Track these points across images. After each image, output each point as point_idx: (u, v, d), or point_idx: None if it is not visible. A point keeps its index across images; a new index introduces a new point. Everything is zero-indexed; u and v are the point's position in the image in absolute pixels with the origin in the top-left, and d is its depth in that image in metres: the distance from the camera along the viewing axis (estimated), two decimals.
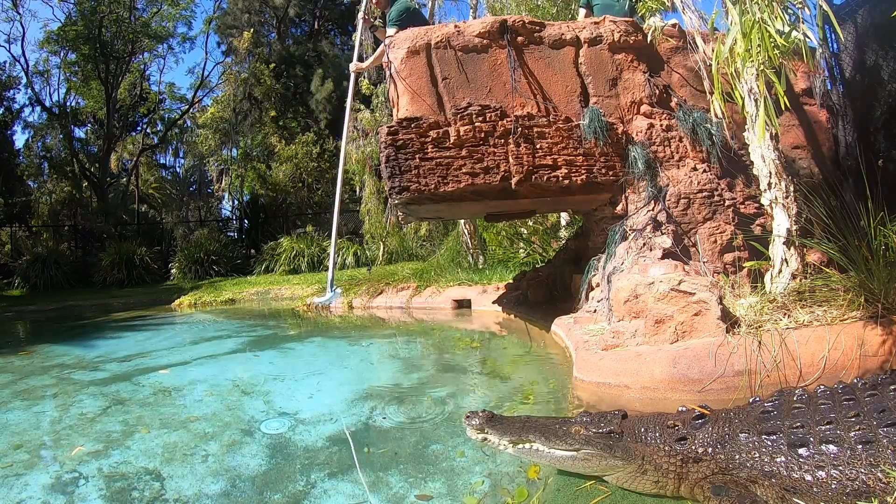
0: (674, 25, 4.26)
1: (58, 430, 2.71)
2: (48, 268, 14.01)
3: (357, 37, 4.72)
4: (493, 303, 5.72)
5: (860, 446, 1.30)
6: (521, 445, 1.66)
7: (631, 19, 4.27)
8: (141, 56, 20.49)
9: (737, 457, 1.42)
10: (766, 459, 1.38)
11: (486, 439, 1.72)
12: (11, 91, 19.82)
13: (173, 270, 14.36)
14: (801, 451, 1.35)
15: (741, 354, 2.43)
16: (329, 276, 4.92)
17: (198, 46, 40.94)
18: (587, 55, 4.05)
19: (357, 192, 12.98)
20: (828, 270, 2.91)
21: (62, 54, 19.45)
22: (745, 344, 2.47)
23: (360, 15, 4.71)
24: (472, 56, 3.94)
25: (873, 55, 3.86)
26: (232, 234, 19.58)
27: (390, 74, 4.03)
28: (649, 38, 4.07)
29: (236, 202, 20.78)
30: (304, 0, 22.62)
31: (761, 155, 3.27)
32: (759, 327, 2.59)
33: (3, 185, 17.99)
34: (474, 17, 9.27)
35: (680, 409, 1.65)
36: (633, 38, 4.09)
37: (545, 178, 3.80)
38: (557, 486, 1.68)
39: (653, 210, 3.77)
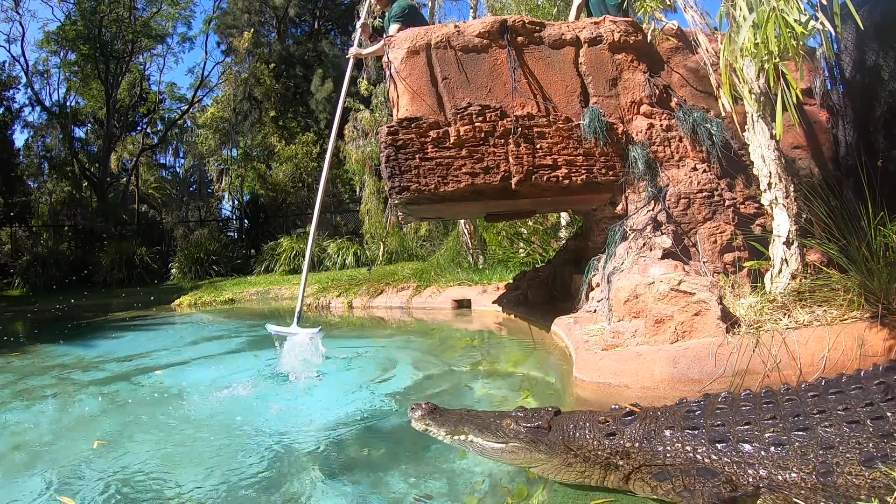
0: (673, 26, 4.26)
1: (58, 431, 2.71)
2: (48, 268, 14.03)
3: (356, 37, 4.75)
4: (493, 303, 5.72)
5: (773, 448, 1.39)
6: (457, 436, 1.75)
7: (631, 19, 4.27)
8: (141, 56, 20.49)
9: (660, 449, 1.50)
10: (688, 450, 1.47)
11: (427, 429, 1.81)
12: (11, 91, 19.84)
13: (173, 270, 14.37)
14: (720, 445, 1.44)
15: (741, 354, 2.43)
16: (297, 307, 3.83)
17: (198, 46, 40.94)
18: (587, 55, 4.05)
19: (357, 192, 12.98)
20: (828, 270, 2.90)
21: (62, 54, 19.48)
22: (745, 344, 2.47)
23: (360, 23, 4.74)
24: (472, 56, 3.94)
25: (873, 55, 3.86)
26: (232, 234, 19.60)
27: (390, 74, 4.03)
28: (649, 39, 4.07)
29: (236, 202, 20.81)
30: (304, 0, 22.63)
31: (761, 155, 3.27)
32: (759, 327, 2.59)
33: (3, 185, 17.99)
34: (474, 17, 9.27)
35: (613, 406, 1.73)
36: (633, 38, 4.09)
37: (545, 178, 3.80)
38: (556, 487, 1.68)
39: (653, 210, 3.77)
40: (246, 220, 19.03)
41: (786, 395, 1.54)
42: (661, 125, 3.96)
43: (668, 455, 1.48)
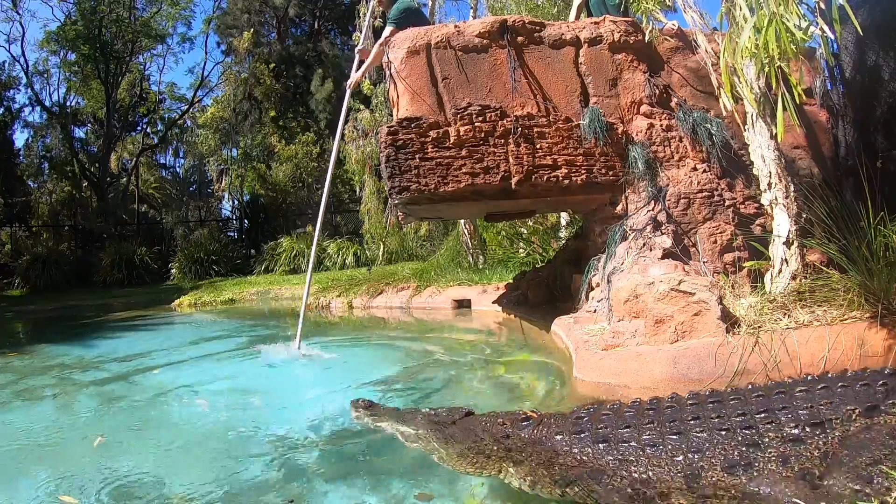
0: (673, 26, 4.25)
1: (58, 430, 2.71)
2: (48, 268, 14.01)
3: (355, 63, 4.83)
4: (493, 303, 5.72)
5: (648, 448, 1.49)
6: (380, 423, 2.08)
7: (631, 19, 4.27)
8: (141, 56, 20.48)
9: (551, 451, 1.63)
10: (575, 452, 1.59)
11: (360, 419, 2.16)
12: (11, 91, 19.84)
13: (173, 270, 14.36)
14: (601, 446, 1.56)
15: (741, 354, 2.43)
16: (298, 328, 4.11)
17: (197, 46, 40.91)
18: (587, 55, 4.05)
19: (357, 192, 12.97)
20: (828, 270, 2.90)
21: (62, 54, 19.46)
22: (745, 344, 2.47)
23: (358, 48, 4.85)
24: (472, 56, 3.94)
25: (873, 55, 3.86)
26: (232, 234, 19.58)
27: (390, 74, 4.03)
28: (647, 39, 4.07)
29: (236, 202, 20.78)
30: (304, 0, 22.63)
31: (761, 155, 3.27)
32: (760, 327, 2.59)
33: (3, 185, 17.99)
34: (474, 17, 9.27)
35: (515, 410, 1.92)
36: (632, 38, 4.09)
37: (545, 178, 3.80)
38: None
39: (653, 210, 3.77)
40: (246, 220, 19.03)
41: (668, 402, 1.62)
42: (661, 125, 3.96)
43: (560, 457, 1.60)
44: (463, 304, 6.26)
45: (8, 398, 3.47)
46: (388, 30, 4.36)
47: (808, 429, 1.38)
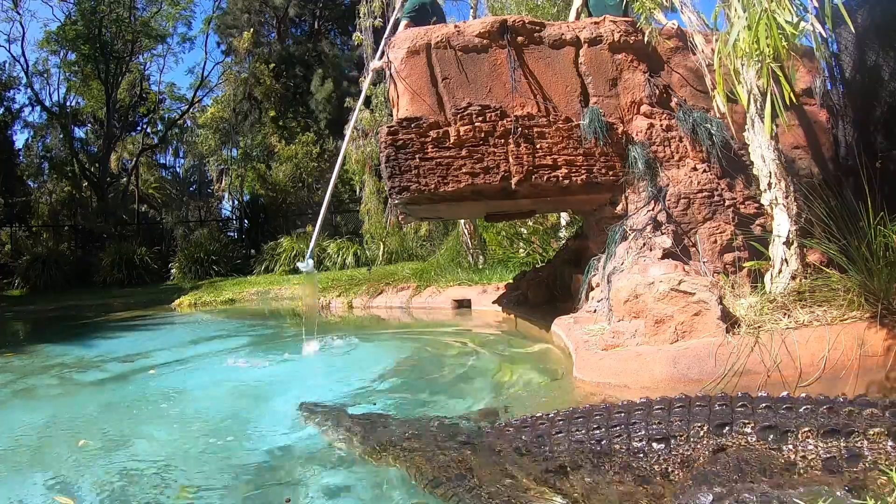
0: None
1: (57, 430, 2.71)
2: (48, 268, 14.00)
3: (382, 44, 4.86)
4: (493, 303, 5.72)
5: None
6: (310, 420, 2.33)
7: (630, 19, 4.26)
8: (141, 56, 20.47)
9: (440, 465, 1.78)
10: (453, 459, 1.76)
11: (301, 416, 2.42)
12: (11, 91, 19.80)
13: (173, 270, 14.35)
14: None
15: (741, 354, 2.43)
16: (311, 246, 5.39)
17: (197, 46, 40.60)
18: (587, 55, 4.05)
19: (357, 192, 12.96)
20: (828, 270, 2.91)
21: (62, 54, 19.42)
22: (745, 344, 2.47)
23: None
24: (472, 56, 3.94)
25: (873, 55, 3.86)
26: (232, 234, 19.55)
27: (390, 74, 4.03)
28: (646, 39, 4.06)
29: (236, 202, 20.75)
30: (304, 0, 22.63)
31: (761, 155, 3.27)
32: (759, 327, 2.59)
33: (3, 185, 17.98)
34: (474, 17, 9.27)
35: (420, 419, 2.16)
36: (632, 38, 4.09)
37: (545, 178, 3.79)
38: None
39: (653, 210, 3.77)
40: (246, 220, 19.01)
41: (543, 420, 1.78)
42: (661, 125, 3.96)
43: (436, 460, 1.78)
44: (463, 304, 6.27)
45: (7, 397, 3.47)
46: (402, 24, 4.37)
47: (652, 444, 1.57)
